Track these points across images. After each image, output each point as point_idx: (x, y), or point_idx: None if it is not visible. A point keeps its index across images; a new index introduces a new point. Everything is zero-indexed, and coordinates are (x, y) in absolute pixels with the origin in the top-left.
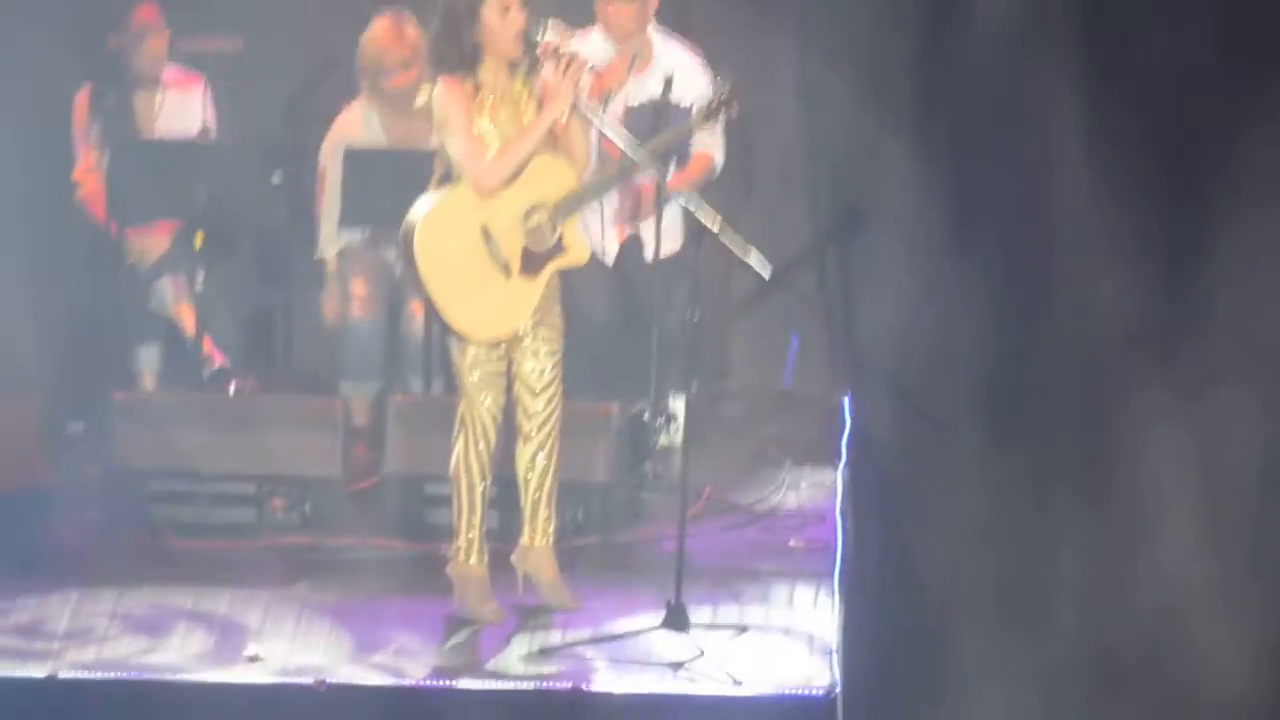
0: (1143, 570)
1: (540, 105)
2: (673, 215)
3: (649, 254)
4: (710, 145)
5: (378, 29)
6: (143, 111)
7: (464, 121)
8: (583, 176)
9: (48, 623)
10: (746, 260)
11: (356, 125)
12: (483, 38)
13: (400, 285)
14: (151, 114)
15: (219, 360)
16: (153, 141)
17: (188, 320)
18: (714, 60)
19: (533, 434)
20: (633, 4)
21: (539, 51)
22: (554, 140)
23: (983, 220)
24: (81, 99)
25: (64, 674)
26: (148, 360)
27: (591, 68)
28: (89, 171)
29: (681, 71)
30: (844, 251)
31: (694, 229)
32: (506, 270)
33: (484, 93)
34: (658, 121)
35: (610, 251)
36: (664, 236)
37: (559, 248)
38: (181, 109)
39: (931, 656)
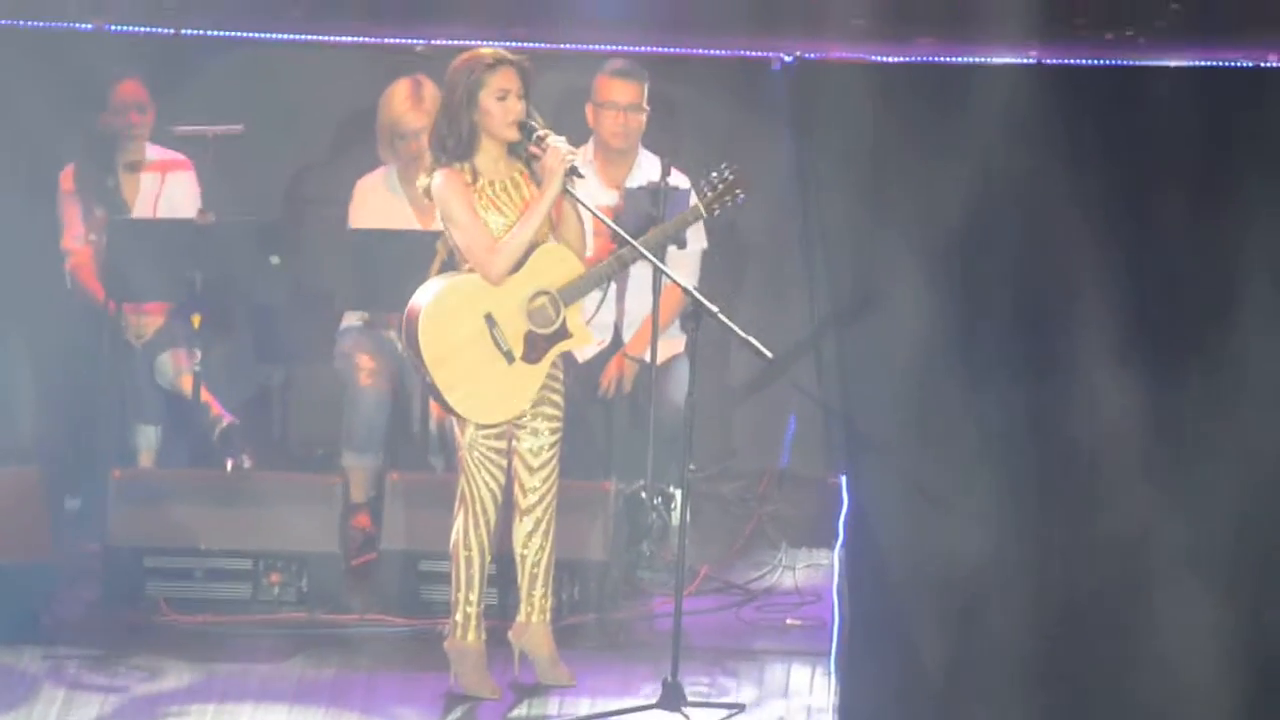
0: (1146, 653)
1: (539, 188)
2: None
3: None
4: (686, 272)
5: (395, 93)
6: (127, 190)
7: (467, 210)
8: (582, 261)
9: (44, 697)
10: (748, 341)
11: (379, 186)
12: (481, 122)
13: (403, 362)
14: (135, 192)
15: (228, 419)
16: (150, 221)
17: (190, 388)
18: (706, 153)
19: (529, 510)
20: (623, 113)
21: (536, 139)
22: (551, 226)
23: (978, 300)
24: (68, 173)
25: None
26: (146, 439)
27: (571, 152)
28: (76, 240)
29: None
30: (841, 336)
31: (692, 311)
32: (509, 357)
33: (482, 180)
34: (655, 203)
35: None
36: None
37: (562, 333)
38: (169, 190)
39: None
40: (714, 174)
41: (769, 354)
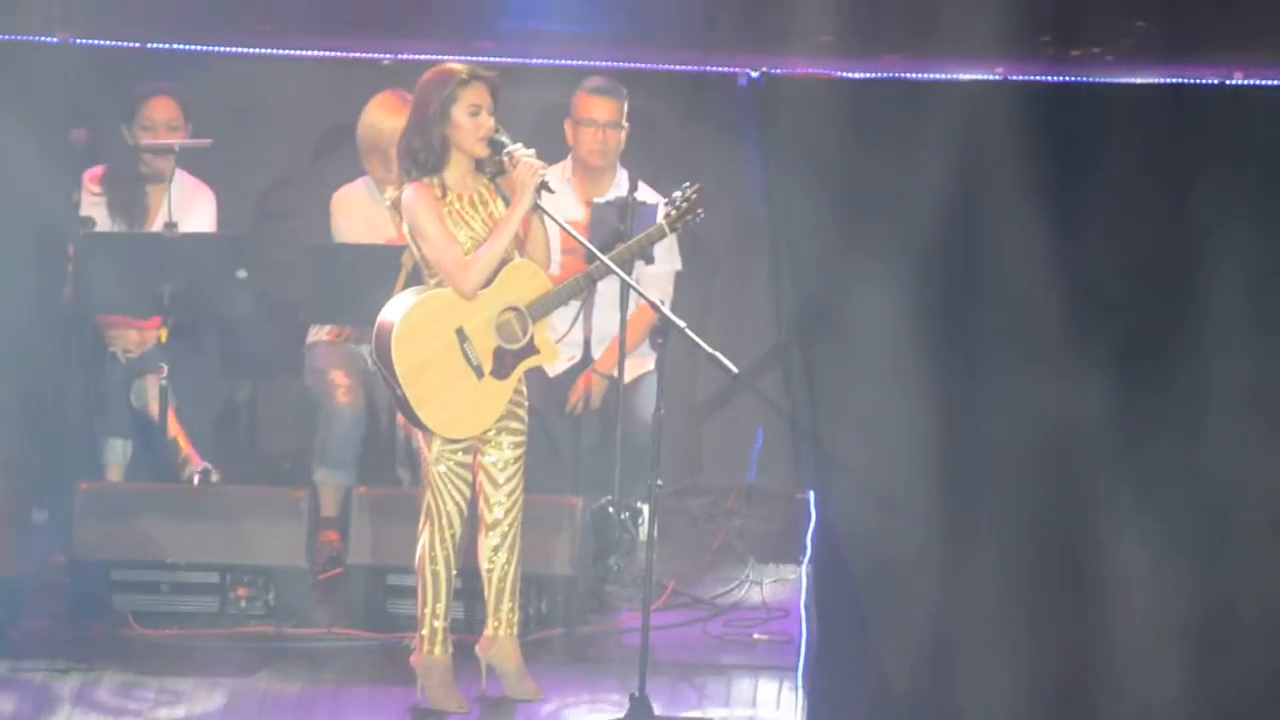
0: (1111, 667)
1: (507, 204)
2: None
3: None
4: (657, 291)
5: (383, 105)
6: (154, 203)
7: (437, 225)
8: (547, 275)
9: (8, 710)
10: (713, 356)
11: (361, 197)
12: (452, 136)
13: (373, 376)
14: (160, 208)
15: (199, 464)
16: (117, 234)
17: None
18: (673, 169)
19: (495, 525)
20: (602, 130)
21: (505, 155)
22: (518, 241)
23: (943, 319)
24: (94, 175)
25: None
26: (115, 453)
27: (542, 167)
28: None
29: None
30: (808, 351)
31: (660, 327)
32: (479, 372)
33: (450, 195)
34: (622, 218)
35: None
36: (631, 360)
37: (529, 349)
38: (189, 211)
39: None
40: (677, 193)
41: (734, 368)
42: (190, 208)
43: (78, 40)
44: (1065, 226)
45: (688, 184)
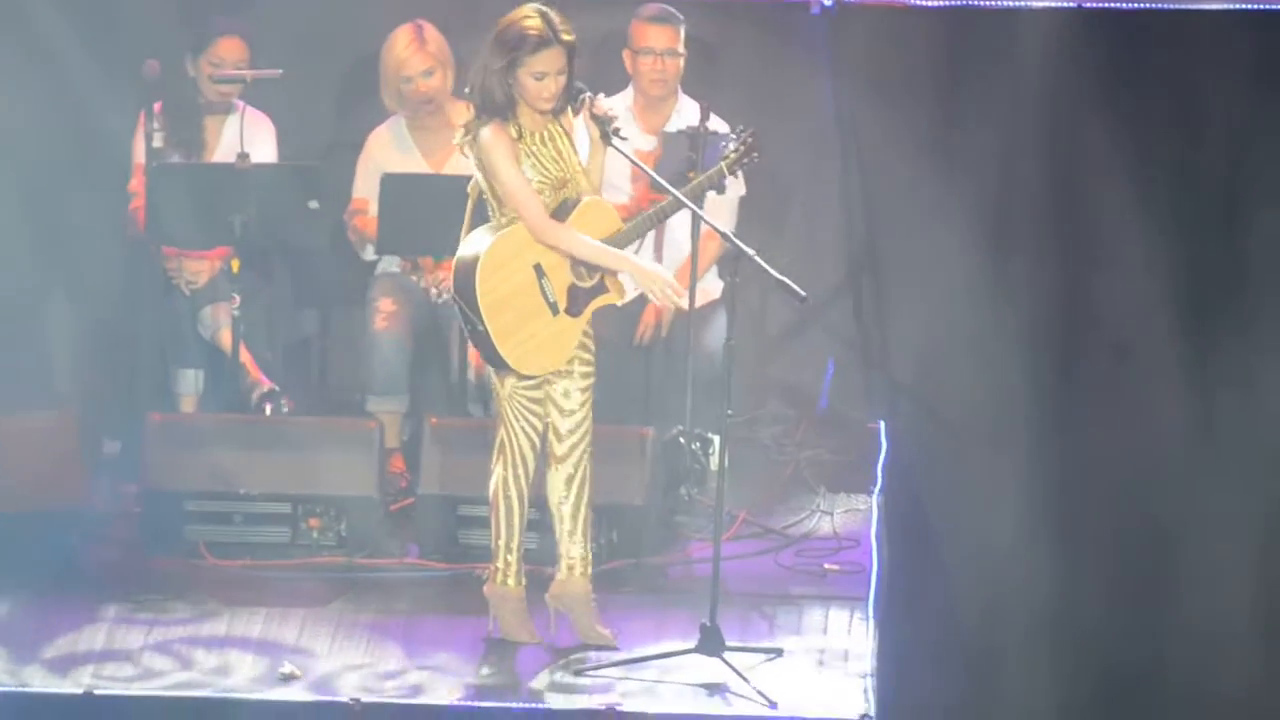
0: (1179, 588)
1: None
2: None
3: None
4: (723, 218)
5: (397, 39)
6: (210, 138)
7: (512, 167)
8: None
9: (84, 640)
10: (782, 282)
11: (386, 139)
12: (516, 92)
13: (431, 307)
14: (217, 140)
15: (267, 384)
16: (189, 165)
17: (229, 344)
18: (745, 98)
19: (564, 459)
20: (660, 58)
21: (580, 101)
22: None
23: (1014, 247)
24: (157, 108)
25: (100, 691)
26: (188, 385)
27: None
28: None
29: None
30: (878, 281)
31: (728, 255)
32: (555, 309)
33: (525, 133)
34: (694, 147)
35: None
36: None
37: (600, 287)
38: (254, 143)
39: (966, 681)
40: (734, 134)
41: (803, 294)
42: (255, 140)
43: None
44: (1141, 152)
45: (742, 127)
